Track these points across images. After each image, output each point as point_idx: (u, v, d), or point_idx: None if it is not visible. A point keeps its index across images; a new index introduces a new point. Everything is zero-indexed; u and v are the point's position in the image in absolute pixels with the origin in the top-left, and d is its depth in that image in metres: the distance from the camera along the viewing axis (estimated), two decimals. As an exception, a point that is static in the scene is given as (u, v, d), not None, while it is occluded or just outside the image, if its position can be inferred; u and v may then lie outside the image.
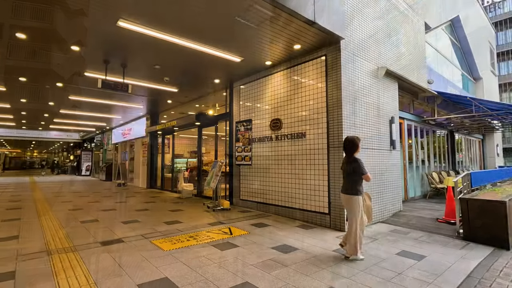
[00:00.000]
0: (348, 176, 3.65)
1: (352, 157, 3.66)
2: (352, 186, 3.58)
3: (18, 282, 2.84)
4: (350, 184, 3.62)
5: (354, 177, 3.59)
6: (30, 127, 18.60)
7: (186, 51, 5.63)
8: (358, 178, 3.58)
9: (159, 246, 4.00)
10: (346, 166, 3.70)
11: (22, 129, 19.72)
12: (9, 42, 5.24)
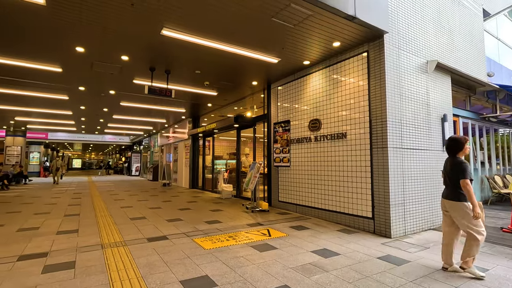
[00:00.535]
0: (450, 179, 3.29)
1: (456, 159, 3.30)
2: (456, 191, 3.21)
3: (78, 271, 3.13)
4: (454, 188, 3.25)
5: (457, 182, 3.21)
6: (88, 132, 20.60)
7: (224, 55, 5.77)
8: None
9: (200, 245, 4.13)
10: (448, 169, 3.34)
11: (82, 133, 21.95)
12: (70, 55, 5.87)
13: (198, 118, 13.17)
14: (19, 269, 3.18)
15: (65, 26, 4.64)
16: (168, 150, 16.94)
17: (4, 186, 12.47)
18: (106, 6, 4.08)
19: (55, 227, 5.16)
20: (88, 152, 51.10)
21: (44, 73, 6.95)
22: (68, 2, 3.96)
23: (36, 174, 21.71)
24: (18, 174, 15.04)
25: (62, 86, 8.14)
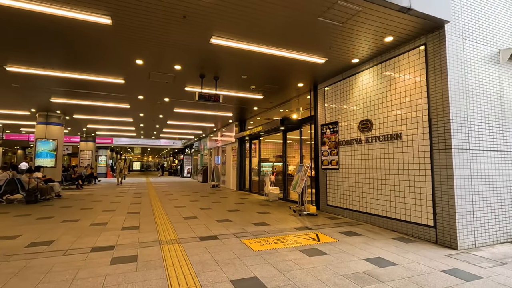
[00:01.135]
0: None
1: None
2: None
3: (139, 265, 3.42)
4: None
5: None
6: (146, 136, 22.48)
7: (270, 58, 5.83)
8: None
9: (248, 246, 4.20)
10: None
11: (141, 138, 24.05)
12: (130, 68, 6.49)
13: (244, 122, 13.47)
14: (92, 260, 3.59)
15: (127, 41, 5.16)
16: (217, 153, 17.62)
17: (79, 186, 14.24)
18: (162, 21, 4.42)
19: (120, 223, 5.72)
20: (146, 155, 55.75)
21: (110, 85, 7.80)
22: (130, 20, 4.39)
23: (104, 175, 24.40)
24: (89, 175, 17.05)
25: (124, 96, 9.04)
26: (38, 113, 11.82)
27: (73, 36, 4.93)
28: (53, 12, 4.11)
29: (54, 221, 5.90)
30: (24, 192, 8.71)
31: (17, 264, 3.40)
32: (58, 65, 6.35)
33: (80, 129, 18.11)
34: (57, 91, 8.51)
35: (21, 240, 4.47)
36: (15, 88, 8.14)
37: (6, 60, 6.05)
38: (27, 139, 20.63)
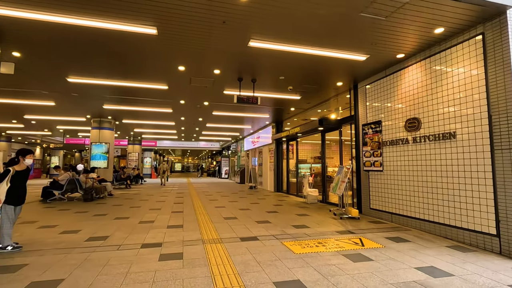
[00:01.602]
0: None
1: None
2: None
3: (185, 262, 3.57)
4: None
5: None
6: (186, 139, 23.49)
7: (308, 58, 5.74)
8: None
9: (289, 248, 4.16)
10: None
11: (181, 141, 25.19)
12: (173, 74, 6.83)
13: (281, 123, 13.43)
14: (142, 255, 3.83)
15: (170, 49, 5.44)
16: (254, 155, 17.79)
17: (127, 185, 15.34)
18: (202, 27, 4.59)
19: (166, 222, 6.04)
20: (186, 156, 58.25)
21: (154, 91, 8.30)
22: (173, 29, 4.63)
23: (149, 175, 25.98)
24: (136, 176, 18.28)
25: (167, 101, 9.55)
26: (92, 119, 12.99)
27: (122, 47, 5.34)
28: (105, 26, 4.48)
29: (108, 218, 6.42)
30: (82, 191, 9.62)
31: (79, 257, 3.76)
32: (109, 75, 6.92)
33: (128, 133, 19.52)
34: (108, 98, 9.27)
35: (81, 234, 4.93)
36: (74, 97, 9.04)
37: (68, 72, 6.75)
38: (83, 142, 22.78)
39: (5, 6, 3.99)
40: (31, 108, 10.92)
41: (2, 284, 2.89)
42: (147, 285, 2.89)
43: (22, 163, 4.14)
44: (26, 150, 4.18)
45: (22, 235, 4.81)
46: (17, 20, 4.34)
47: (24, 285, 2.86)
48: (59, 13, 4.16)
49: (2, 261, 3.57)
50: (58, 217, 6.49)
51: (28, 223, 5.79)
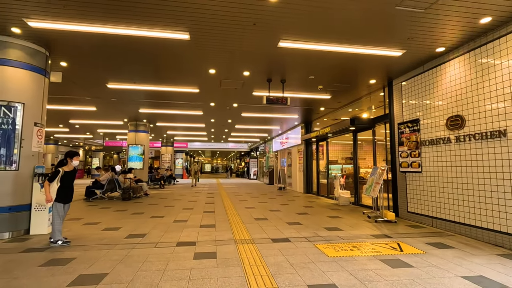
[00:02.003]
0: None
1: None
2: None
3: (219, 261, 3.64)
4: None
5: None
6: (216, 140, 23.98)
7: (340, 56, 5.61)
8: None
9: (322, 251, 4.07)
10: None
11: (211, 142, 25.76)
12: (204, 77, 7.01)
13: (310, 123, 13.22)
14: (178, 253, 3.97)
15: (202, 53, 5.59)
16: (282, 155, 17.70)
17: (161, 185, 16.00)
18: (233, 30, 4.66)
19: (198, 221, 6.20)
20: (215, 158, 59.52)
21: (186, 95, 8.58)
22: (205, 33, 4.76)
23: (180, 176, 26.90)
24: (169, 176, 19.00)
25: (198, 103, 9.83)
26: (129, 122, 13.74)
27: (157, 53, 5.58)
28: (141, 34, 4.71)
29: (145, 217, 6.73)
30: (120, 190, 10.20)
31: (120, 252, 3.98)
32: (145, 80, 7.27)
33: (161, 135, 20.36)
34: (144, 102, 9.75)
35: (121, 232, 5.22)
36: (113, 101, 9.62)
37: (107, 78, 7.20)
38: (121, 145, 24.16)
39: (56, 21, 4.36)
40: (75, 113, 11.81)
41: (55, 275, 3.14)
42: (184, 282, 2.98)
43: (70, 164, 4.48)
44: (74, 152, 4.52)
45: (70, 231, 5.20)
46: (65, 32, 4.71)
47: (74, 277, 3.09)
48: (101, 24, 4.45)
49: (54, 254, 3.89)
50: (100, 215, 6.93)
51: (75, 220, 6.25)
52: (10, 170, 4.76)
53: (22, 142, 4.89)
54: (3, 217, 4.65)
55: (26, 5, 3.97)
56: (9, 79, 4.86)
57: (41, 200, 4.96)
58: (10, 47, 4.92)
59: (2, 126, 4.72)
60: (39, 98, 5.23)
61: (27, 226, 4.96)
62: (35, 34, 4.82)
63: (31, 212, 4.99)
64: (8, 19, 4.35)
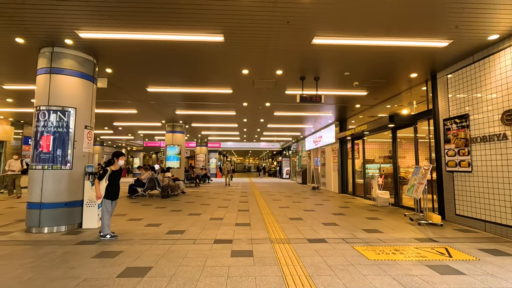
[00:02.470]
0: None
1: None
2: None
3: (256, 260, 3.67)
4: None
5: None
6: (248, 140, 24.22)
7: (377, 50, 5.36)
8: None
9: (362, 253, 3.92)
10: None
11: (243, 142, 26.08)
12: (237, 78, 7.11)
13: (345, 121, 12.81)
14: (216, 250, 4.07)
15: (235, 54, 5.67)
16: (316, 155, 17.36)
17: (196, 184, 16.55)
18: (266, 29, 4.66)
19: (234, 220, 6.31)
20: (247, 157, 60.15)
21: (220, 96, 8.77)
22: (239, 33, 4.82)
23: (214, 175, 27.59)
24: (204, 175, 19.59)
25: (231, 104, 10.00)
26: (166, 123, 14.39)
27: (192, 56, 5.77)
28: (178, 38, 4.91)
29: (183, 214, 7.01)
30: (159, 188, 10.73)
31: (162, 248, 4.18)
32: (181, 83, 7.56)
33: (196, 136, 21.06)
34: (180, 104, 10.15)
35: (162, 228, 5.49)
36: (152, 104, 10.15)
37: (147, 83, 7.61)
38: (159, 145, 25.42)
39: (102, 31, 4.70)
40: (118, 116, 12.65)
41: (106, 267, 3.39)
42: (223, 279, 3.04)
43: (116, 163, 4.81)
44: (120, 152, 4.84)
45: (116, 226, 5.59)
46: (110, 41, 5.07)
47: (122, 269, 3.31)
48: (142, 31, 4.71)
49: (104, 247, 4.20)
50: (142, 211, 7.35)
51: (120, 216, 6.70)
52: (65, 169, 5.23)
53: (75, 143, 5.35)
54: (60, 211, 5.14)
55: (77, 17, 4.34)
56: (64, 86, 5.34)
57: (92, 197, 5.39)
58: (64, 57, 5.40)
59: (58, 129, 5.20)
60: (89, 103, 5.68)
61: (79, 221, 5.42)
62: (85, 44, 5.24)
63: (83, 207, 5.44)
64: (62, 31, 4.78)
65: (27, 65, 6.20)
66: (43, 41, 5.12)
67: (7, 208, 7.78)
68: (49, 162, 5.12)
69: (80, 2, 3.92)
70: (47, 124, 5.16)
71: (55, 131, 5.18)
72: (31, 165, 5.21)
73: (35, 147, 5.16)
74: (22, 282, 2.94)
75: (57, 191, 5.13)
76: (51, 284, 2.90)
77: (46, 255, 3.79)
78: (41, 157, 5.11)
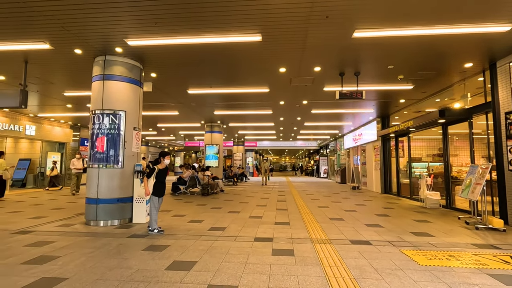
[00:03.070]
0: None
1: None
2: None
3: (297, 259, 3.63)
4: None
5: None
6: (284, 139, 24.09)
7: (424, 40, 4.99)
8: None
9: (411, 258, 3.68)
10: None
11: (279, 141, 26.00)
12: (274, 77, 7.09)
13: (387, 117, 12.13)
14: (257, 248, 4.11)
15: (273, 52, 5.67)
16: (355, 153, 16.69)
17: (234, 182, 16.89)
18: (304, 25, 4.59)
19: (273, 218, 6.32)
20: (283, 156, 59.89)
21: (257, 95, 8.84)
22: (277, 31, 4.81)
23: (251, 174, 27.90)
24: (241, 174, 19.92)
25: (268, 103, 10.02)
26: (205, 124, 14.88)
27: (230, 57, 5.88)
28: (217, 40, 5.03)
29: (223, 211, 7.20)
30: (200, 186, 11.14)
31: (205, 243, 4.34)
32: (220, 84, 7.76)
33: (233, 135, 21.49)
34: (218, 105, 10.43)
35: (204, 224, 5.69)
36: (192, 106, 10.57)
37: (187, 85, 7.94)
38: (198, 145, 26.41)
39: (148, 38, 5.01)
40: (161, 118, 13.39)
41: (155, 259, 3.61)
42: (265, 277, 3.06)
43: (163, 162, 5.09)
44: (166, 152, 5.12)
45: (162, 221, 5.92)
46: (155, 47, 5.38)
47: (170, 262, 3.50)
48: (184, 35, 4.93)
49: (152, 241, 4.48)
50: (185, 208, 7.69)
51: (165, 212, 7.09)
52: (117, 168, 5.67)
53: (125, 144, 5.78)
54: (114, 207, 5.59)
55: (126, 26, 4.67)
56: (115, 91, 5.78)
57: (141, 193, 5.78)
58: (115, 65, 5.85)
59: (110, 131, 5.66)
60: (136, 106, 6.09)
61: (130, 215, 5.84)
62: (132, 51, 5.63)
63: (133, 203, 5.85)
64: (113, 40, 5.18)
65: (83, 73, 6.84)
66: (97, 50, 5.60)
67: (68, 202, 8.66)
68: (103, 161, 5.60)
69: (129, 11, 4.21)
70: (101, 127, 5.64)
71: (108, 132, 5.64)
72: (88, 164, 5.73)
73: (91, 148, 5.67)
74: (86, 269, 3.25)
75: (110, 188, 5.59)
76: (109, 272, 3.16)
77: (103, 246, 4.14)
78: (96, 157, 5.60)
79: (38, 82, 7.68)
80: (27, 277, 3.03)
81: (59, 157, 14.73)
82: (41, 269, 3.23)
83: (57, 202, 8.76)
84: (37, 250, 3.96)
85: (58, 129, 14.39)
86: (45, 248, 4.05)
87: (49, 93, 8.82)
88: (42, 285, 2.83)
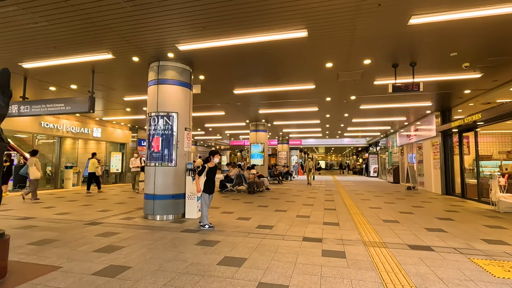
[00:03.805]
0: None
1: None
2: None
3: (349, 262, 3.47)
4: None
5: None
6: (330, 136, 23.32)
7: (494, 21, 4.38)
8: None
9: (484, 268, 3.26)
10: None
11: (325, 138, 25.24)
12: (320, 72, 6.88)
13: (449, 111, 10.96)
14: (305, 248, 4.03)
15: (319, 47, 5.50)
16: (410, 150, 15.43)
17: (279, 181, 16.86)
18: (353, 16, 4.35)
19: (321, 218, 6.15)
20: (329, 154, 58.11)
21: (302, 92, 8.67)
22: (323, 25, 4.64)
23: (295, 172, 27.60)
24: (286, 173, 19.81)
25: (313, 100, 9.77)
26: (250, 123, 15.11)
27: (275, 55, 5.85)
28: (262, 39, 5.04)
29: (269, 210, 7.22)
30: (246, 184, 11.35)
31: (254, 241, 4.39)
32: (264, 82, 7.78)
33: (277, 133, 21.47)
34: (263, 103, 10.49)
35: (252, 222, 5.77)
36: (237, 105, 10.80)
37: (233, 85, 8.12)
38: (243, 144, 26.95)
39: (197, 41, 5.24)
40: (209, 118, 13.94)
41: (207, 254, 3.76)
42: (316, 278, 2.98)
43: (212, 161, 5.29)
44: (215, 151, 5.31)
45: (212, 218, 6.16)
46: (204, 50, 5.60)
47: (221, 258, 3.61)
48: (230, 36, 5.04)
49: (204, 236, 4.68)
50: (233, 205, 7.90)
51: (214, 209, 7.36)
52: (171, 166, 6.05)
53: (178, 143, 6.13)
54: (169, 202, 5.98)
55: (177, 33, 4.94)
56: (168, 94, 6.17)
57: (193, 190, 6.08)
58: (167, 69, 6.23)
59: (165, 131, 6.05)
60: (187, 107, 6.41)
61: (183, 211, 6.19)
62: (182, 55, 5.94)
63: (185, 200, 6.19)
64: (166, 47, 5.53)
65: (140, 79, 7.43)
66: (151, 57, 6.03)
67: (128, 198, 9.52)
68: (159, 160, 6.01)
69: (180, 18, 4.44)
70: (156, 128, 6.07)
71: (163, 133, 6.04)
72: (146, 162, 6.21)
73: (148, 147, 6.13)
74: (146, 260, 3.53)
75: (165, 185, 5.98)
76: (167, 264, 3.38)
77: (160, 239, 4.45)
78: (153, 156, 6.04)
79: (103, 89, 8.56)
80: (98, 263, 3.38)
81: (120, 157, 16.26)
82: (109, 257, 3.59)
83: (120, 197, 9.68)
84: (105, 240, 4.41)
85: (119, 131, 15.91)
86: (111, 238, 4.49)
87: (111, 98, 9.78)
88: (111, 271, 3.14)
